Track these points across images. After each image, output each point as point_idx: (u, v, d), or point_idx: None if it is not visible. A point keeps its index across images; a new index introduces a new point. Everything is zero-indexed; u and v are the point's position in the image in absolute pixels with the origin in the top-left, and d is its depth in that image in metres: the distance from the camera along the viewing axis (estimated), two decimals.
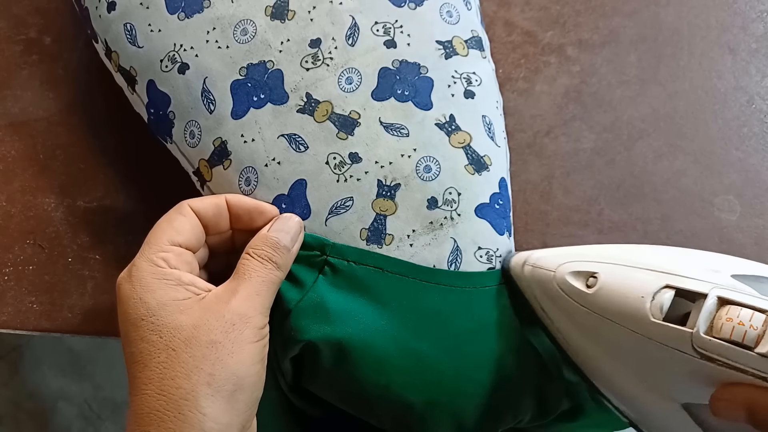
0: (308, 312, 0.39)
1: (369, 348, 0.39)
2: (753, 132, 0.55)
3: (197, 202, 0.40)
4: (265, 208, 0.41)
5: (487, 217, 0.42)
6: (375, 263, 0.40)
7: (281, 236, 0.39)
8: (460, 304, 0.40)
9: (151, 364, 0.34)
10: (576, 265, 0.37)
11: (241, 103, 0.43)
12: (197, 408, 0.33)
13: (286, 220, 0.40)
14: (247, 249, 0.39)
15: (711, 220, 0.52)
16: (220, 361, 0.34)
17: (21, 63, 0.57)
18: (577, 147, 0.54)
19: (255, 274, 0.37)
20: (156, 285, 0.36)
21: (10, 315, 0.50)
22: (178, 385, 0.33)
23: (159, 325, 0.35)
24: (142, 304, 0.36)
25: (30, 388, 1.17)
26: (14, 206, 0.53)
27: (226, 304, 0.36)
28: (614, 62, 0.57)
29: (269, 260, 0.38)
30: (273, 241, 0.39)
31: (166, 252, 0.37)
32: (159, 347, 0.35)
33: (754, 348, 0.30)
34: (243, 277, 0.37)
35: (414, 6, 0.45)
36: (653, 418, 0.38)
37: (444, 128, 0.43)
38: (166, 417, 0.33)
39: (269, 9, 0.44)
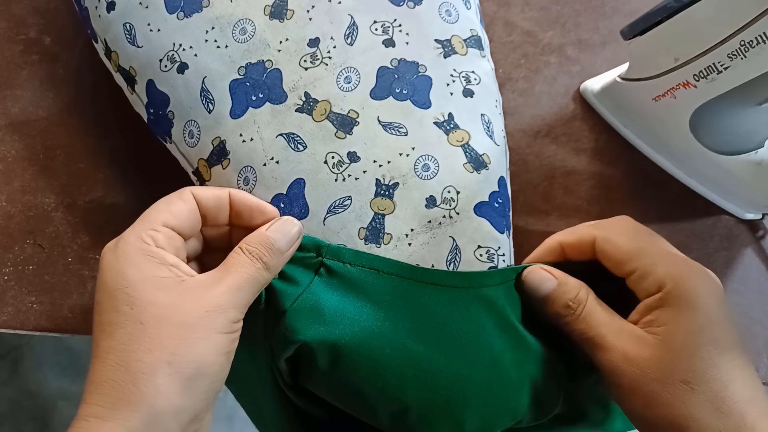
0: (303, 313, 0.39)
1: (364, 349, 0.39)
2: None
3: (200, 191, 0.39)
4: (267, 208, 0.41)
5: (487, 215, 0.41)
6: (371, 264, 0.40)
7: (278, 238, 0.39)
8: (457, 304, 0.40)
9: (117, 333, 0.34)
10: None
11: (239, 103, 0.43)
12: (153, 383, 0.33)
13: (286, 223, 0.40)
14: (241, 243, 0.38)
15: (712, 220, 0.52)
16: (186, 344, 0.34)
17: (21, 63, 0.57)
18: (577, 147, 0.54)
19: (242, 269, 0.37)
20: (139, 260, 0.36)
21: (10, 315, 0.50)
22: (139, 358, 0.33)
23: (134, 297, 0.35)
24: (121, 275, 0.35)
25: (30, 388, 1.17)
26: (14, 206, 0.53)
27: (205, 291, 0.36)
28: (614, 62, 0.57)
29: (259, 259, 0.38)
30: (268, 240, 0.38)
31: (157, 231, 0.37)
32: (128, 318, 0.34)
33: None
34: (229, 269, 0.37)
35: (413, 5, 0.45)
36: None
37: (442, 127, 0.43)
38: (120, 387, 0.33)
39: (268, 8, 0.44)
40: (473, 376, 0.39)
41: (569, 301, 0.39)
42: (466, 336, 0.39)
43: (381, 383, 0.39)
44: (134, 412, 0.32)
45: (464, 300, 0.40)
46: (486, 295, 0.40)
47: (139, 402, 0.32)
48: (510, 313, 0.41)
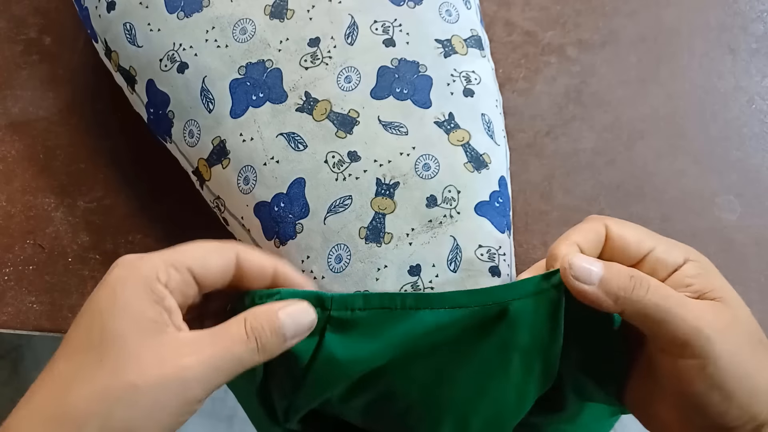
0: (322, 371, 0.36)
1: (381, 385, 0.37)
2: (753, 132, 0.55)
3: (248, 256, 0.36)
4: (307, 287, 0.37)
5: (487, 215, 0.41)
6: (382, 304, 0.37)
7: (288, 324, 0.34)
8: (469, 324, 0.37)
9: (75, 358, 0.31)
10: None
11: (239, 102, 0.43)
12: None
13: (302, 312, 0.35)
14: (246, 314, 0.34)
15: (711, 220, 0.52)
16: (126, 409, 0.30)
17: (21, 63, 0.57)
18: (577, 147, 0.54)
19: (232, 345, 0.32)
20: (139, 290, 0.32)
21: (10, 315, 0.50)
22: (76, 404, 0.30)
23: (109, 329, 0.31)
24: (114, 296, 0.32)
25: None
26: (14, 206, 0.53)
27: (177, 357, 0.31)
28: (614, 62, 0.57)
29: (258, 339, 0.33)
30: (277, 323, 0.34)
31: (177, 272, 0.33)
32: (92, 349, 0.31)
33: None
34: (217, 340, 0.32)
35: (413, 5, 0.45)
36: None
37: (443, 126, 0.43)
38: (46, 424, 0.30)
39: (268, 8, 0.44)
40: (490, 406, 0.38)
41: (630, 275, 0.35)
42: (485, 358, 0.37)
43: (394, 412, 0.38)
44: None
45: (476, 319, 0.37)
46: (511, 311, 0.37)
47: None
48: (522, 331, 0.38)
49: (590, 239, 0.37)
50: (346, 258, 0.40)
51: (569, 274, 0.35)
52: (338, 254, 0.41)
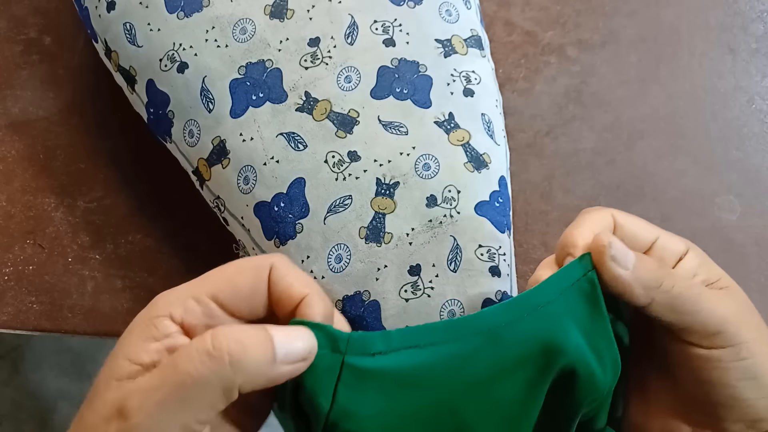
0: (339, 425, 0.31)
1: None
2: (753, 132, 0.55)
3: (283, 272, 0.30)
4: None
5: (487, 214, 0.41)
6: (406, 342, 0.31)
7: (278, 338, 0.28)
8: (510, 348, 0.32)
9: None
10: None
11: (239, 102, 0.43)
12: None
13: (297, 333, 0.29)
14: (212, 330, 0.28)
15: (711, 220, 0.52)
16: None
17: (21, 63, 0.57)
18: (577, 147, 0.54)
19: (184, 366, 0.26)
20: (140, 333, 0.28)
21: (10, 315, 0.50)
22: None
23: (97, 377, 0.28)
24: (120, 339, 0.29)
25: (30, 388, 1.17)
26: (14, 206, 0.53)
27: (119, 396, 0.26)
28: (614, 62, 0.57)
29: (230, 354, 0.26)
30: (255, 335, 0.28)
31: (198, 303, 0.29)
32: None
33: None
34: (165, 365, 0.27)
35: (413, 5, 0.45)
36: None
37: (443, 126, 0.43)
38: None
39: (268, 8, 0.44)
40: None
41: (657, 265, 0.33)
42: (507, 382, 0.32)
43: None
44: None
45: (527, 330, 0.32)
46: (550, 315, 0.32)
47: None
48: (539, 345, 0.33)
49: (603, 227, 0.34)
50: (346, 258, 0.40)
51: (609, 254, 0.32)
52: (338, 254, 0.41)
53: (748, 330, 0.32)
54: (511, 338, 0.32)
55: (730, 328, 0.31)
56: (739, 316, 0.32)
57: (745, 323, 0.32)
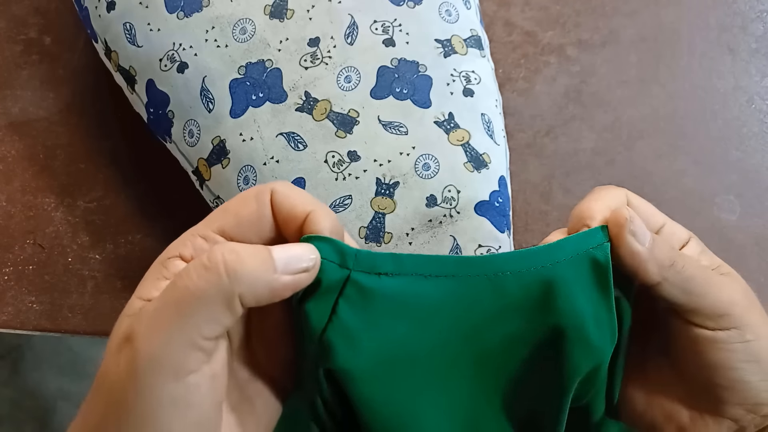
0: (336, 344, 0.30)
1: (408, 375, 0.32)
2: (753, 132, 0.55)
3: (284, 196, 0.30)
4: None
5: (487, 214, 0.41)
6: (416, 269, 0.30)
7: (277, 252, 0.28)
8: (515, 299, 0.32)
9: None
10: None
11: (239, 102, 0.43)
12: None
13: (298, 246, 0.29)
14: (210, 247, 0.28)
15: (711, 220, 0.52)
16: (91, 409, 0.27)
17: (21, 63, 0.57)
18: (577, 147, 0.54)
19: (181, 281, 0.26)
20: (152, 276, 0.28)
21: (10, 315, 0.50)
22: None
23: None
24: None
25: (30, 388, 1.17)
26: (14, 206, 0.53)
27: (126, 325, 0.27)
28: (614, 62, 0.57)
29: (225, 265, 0.26)
30: (250, 249, 0.27)
31: (205, 239, 0.29)
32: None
33: None
34: (166, 287, 0.27)
35: (413, 5, 0.45)
36: None
37: (443, 126, 0.43)
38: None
39: (268, 8, 0.44)
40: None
41: (670, 244, 0.32)
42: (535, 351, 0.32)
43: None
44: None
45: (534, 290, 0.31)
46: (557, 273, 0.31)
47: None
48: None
49: (620, 203, 0.33)
50: None
51: (629, 228, 0.31)
52: None
53: (753, 313, 0.32)
54: (513, 286, 0.31)
55: (736, 310, 0.31)
56: (744, 300, 0.32)
57: (750, 306, 0.32)
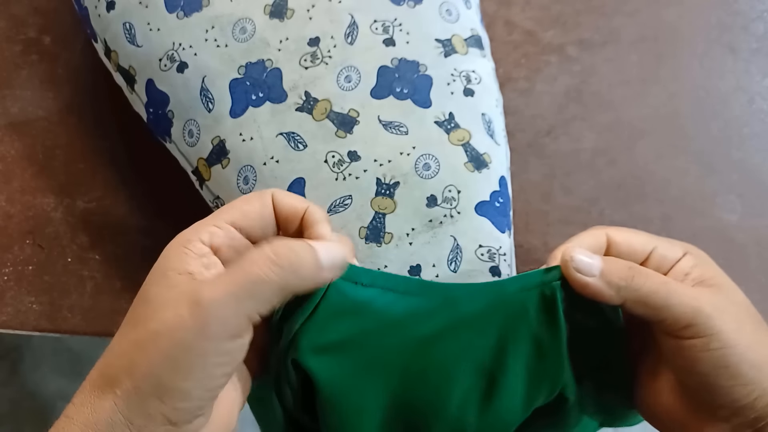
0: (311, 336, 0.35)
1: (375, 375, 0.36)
2: (754, 132, 0.55)
3: (281, 196, 0.35)
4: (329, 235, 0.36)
5: (488, 214, 0.41)
6: (386, 283, 0.36)
7: (321, 249, 0.33)
8: (465, 317, 0.36)
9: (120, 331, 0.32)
10: None
11: (239, 102, 0.43)
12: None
13: (334, 246, 0.34)
14: (269, 241, 0.33)
15: (712, 220, 0.52)
16: (145, 356, 0.30)
17: (21, 63, 0.57)
18: (577, 147, 0.54)
19: (252, 267, 0.31)
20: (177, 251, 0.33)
21: (10, 315, 0.50)
22: (110, 363, 0.31)
23: (142, 294, 0.32)
24: (155, 267, 0.33)
25: (30, 388, 1.17)
26: (14, 206, 0.53)
27: (192, 294, 0.30)
28: (615, 62, 0.57)
29: (287, 259, 0.31)
30: (303, 244, 0.33)
31: (219, 228, 0.34)
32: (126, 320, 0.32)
33: None
34: (234, 267, 0.31)
35: (413, 4, 0.45)
36: None
37: (443, 126, 0.42)
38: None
39: (268, 8, 0.44)
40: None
41: (629, 266, 0.36)
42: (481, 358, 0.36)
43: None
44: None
45: (482, 315, 0.36)
46: (515, 303, 0.36)
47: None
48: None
49: (590, 244, 0.38)
50: None
51: (571, 266, 0.36)
52: None
53: (725, 322, 0.34)
54: (464, 309, 0.36)
55: (700, 319, 0.34)
56: (717, 310, 0.34)
57: (722, 315, 0.34)
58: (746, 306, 0.36)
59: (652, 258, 0.37)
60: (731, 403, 0.34)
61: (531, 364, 0.37)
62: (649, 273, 0.36)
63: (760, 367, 0.33)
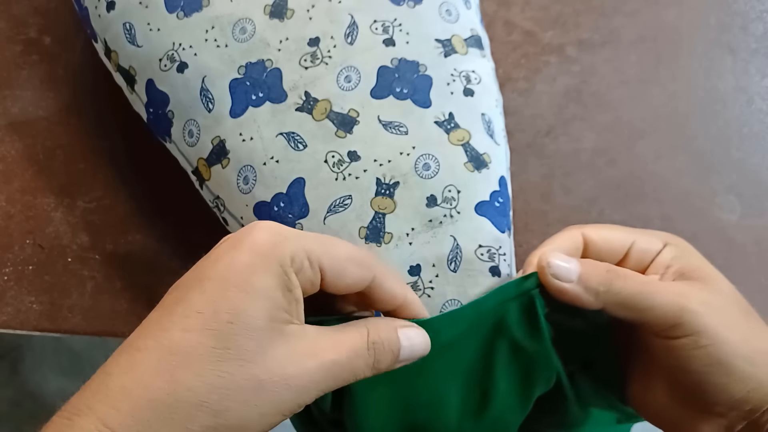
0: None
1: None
2: (753, 132, 0.55)
3: (386, 283, 0.34)
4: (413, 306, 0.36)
5: (488, 214, 0.41)
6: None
7: (404, 346, 0.33)
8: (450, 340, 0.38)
9: (194, 337, 0.28)
10: None
11: (239, 102, 0.43)
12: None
13: (420, 336, 0.34)
14: (368, 324, 0.33)
15: (711, 220, 0.52)
16: (241, 405, 0.28)
17: (21, 63, 0.57)
18: (577, 147, 0.54)
19: (354, 358, 0.31)
20: (280, 277, 0.30)
21: (10, 315, 0.50)
22: (192, 388, 0.28)
23: (241, 312, 0.29)
24: (254, 274, 0.29)
25: (30, 388, 1.17)
26: (14, 206, 0.53)
27: (302, 358, 0.30)
28: (614, 62, 0.57)
29: (376, 355, 0.32)
30: (396, 345, 0.33)
31: (312, 267, 0.32)
32: (210, 325, 0.28)
33: None
34: (341, 348, 0.31)
35: (413, 4, 0.45)
36: None
37: (443, 126, 0.42)
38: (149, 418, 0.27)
39: (268, 8, 0.44)
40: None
41: (606, 269, 0.35)
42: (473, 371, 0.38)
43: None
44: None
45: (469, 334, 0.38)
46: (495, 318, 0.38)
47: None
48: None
49: (566, 247, 0.37)
50: None
51: (548, 273, 0.35)
52: None
53: (713, 317, 0.33)
54: (445, 338, 0.37)
55: (687, 317, 0.33)
56: (702, 305, 0.33)
57: (709, 311, 0.33)
58: (733, 295, 0.35)
59: (631, 253, 0.37)
60: (727, 399, 0.33)
61: (519, 365, 0.37)
62: (628, 274, 0.35)
63: (753, 360, 0.33)
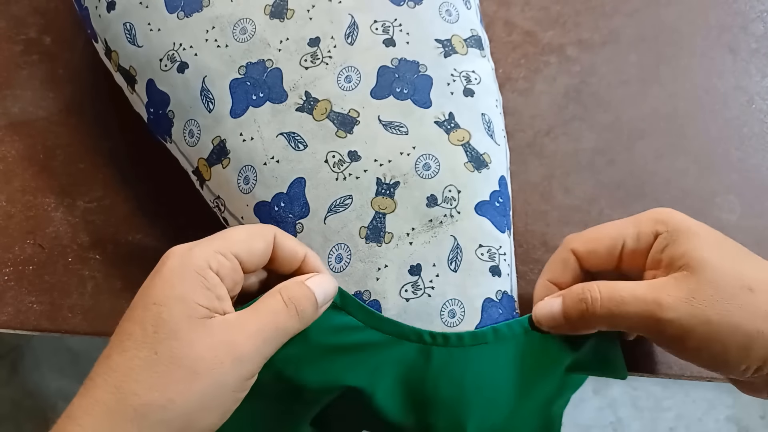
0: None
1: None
2: (753, 132, 0.55)
3: (284, 240, 0.38)
4: (311, 261, 0.39)
5: (488, 214, 0.42)
6: (356, 314, 0.40)
7: (317, 291, 0.37)
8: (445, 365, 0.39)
9: (129, 352, 0.32)
10: None
11: (240, 102, 0.43)
12: (140, 426, 0.31)
13: (327, 281, 0.38)
14: (279, 288, 0.37)
15: (711, 220, 0.52)
16: (186, 394, 0.32)
17: (21, 63, 0.57)
18: (577, 147, 0.54)
19: (275, 316, 0.35)
20: (193, 281, 0.34)
21: (10, 315, 0.50)
22: (137, 392, 0.32)
23: (163, 320, 0.33)
24: (169, 288, 0.34)
25: (30, 388, 1.17)
26: (14, 206, 0.53)
27: (228, 337, 0.33)
28: (614, 62, 0.57)
29: (297, 307, 0.36)
30: (308, 292, 0.37)
31: (227, 259, 0.35)
32: (147, 341, 0.32)
33: None
34: (260, 313, 0.35)
35: (413, 5, 0.45)
36: None
37: (443, 126, 0.43)
38: (108, 416, 0.31)
39: (268, 8, 0.44)
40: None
41: (579, 295, 0.38)
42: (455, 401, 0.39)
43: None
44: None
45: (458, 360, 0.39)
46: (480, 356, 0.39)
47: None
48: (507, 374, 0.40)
49: (560, 270, 0.41)
50: (346, 258, 0.40)
51: (543, 327, 0.40)
52: (339, 254, 0.41)
53: (696, 310, 0.35)
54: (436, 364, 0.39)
55: (668, 315, 0.35)
56: (680, 300, 0.35)
57: (690, 308, 0.35)
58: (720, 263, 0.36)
59: (624, 257, 0.39)
60: (759, 359, 0.34)
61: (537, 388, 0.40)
62: (602, 293, 0.37)
63: (750, 338, 0.34)
